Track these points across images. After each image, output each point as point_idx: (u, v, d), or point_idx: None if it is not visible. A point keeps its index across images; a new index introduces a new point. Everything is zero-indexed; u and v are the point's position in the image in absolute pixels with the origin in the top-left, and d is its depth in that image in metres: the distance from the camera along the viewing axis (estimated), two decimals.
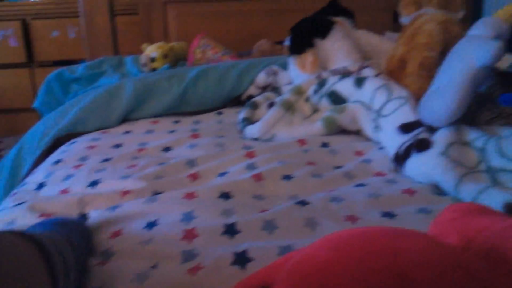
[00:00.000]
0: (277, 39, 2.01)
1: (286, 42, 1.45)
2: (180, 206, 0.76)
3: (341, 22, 1.42)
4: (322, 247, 0.33)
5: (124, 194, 0.83)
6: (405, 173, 0.89)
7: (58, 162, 1.04)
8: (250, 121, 1.18)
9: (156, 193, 0.83)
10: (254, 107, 1.26)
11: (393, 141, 0.95)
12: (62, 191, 0.89)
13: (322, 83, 1.20)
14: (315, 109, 1.19)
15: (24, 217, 0.78)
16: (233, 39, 2.23)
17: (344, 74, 1.23)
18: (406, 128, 0.95)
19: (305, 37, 1.34)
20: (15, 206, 0.82)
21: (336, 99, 1.14)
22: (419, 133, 0.92)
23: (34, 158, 1.19)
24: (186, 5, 2.25)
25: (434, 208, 0.74)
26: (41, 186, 0.93)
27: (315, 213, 0.73)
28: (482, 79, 0.89)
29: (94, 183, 0.89)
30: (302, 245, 0.63)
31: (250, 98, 1.36)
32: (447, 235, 0.45)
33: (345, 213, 0.74)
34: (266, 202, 0.80)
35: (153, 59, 1.79)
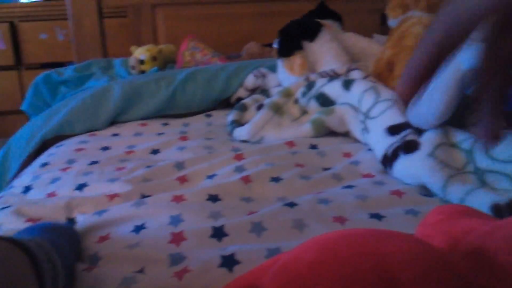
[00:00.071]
0: (265, 42, 2.01)
1: (275, 44, 1.45)
2: (168, 209, 0.76)
3: (329, 25, 1.43)
4: (308, 249, 0.33)
5: (112, 197, 0.82)
6: (393, 174, 0.89)
7: (45, 165, 1.03)
8: (239, 123, 1.18)
9: (144, 196, 0.83)
10: (243, 109, 1.26)
11: (381, 142, 0.96)
12: (49, 195, 0.88)
13: (310, 86, 1.20)
14: (304, 111, 1.19)
15: (10, 222, 0.77)
16: (222, 42, 2.23)
17: (332, 76, 1.23)
18: (394, 129, 0.95)
19: (293, 39, 1.34)
20: (1, 209, 0.81)
21: (324, 101, 1.15)
22: (407, 134, 0.92)
23: (21, 161, 1.18)
24: (174, 8, 2.25)
25: (422, 209, 0.75)
26: (27, 189, 0.92)
27: (303, 214, 0.73)
28: (469, 82, 0.89)
29: (81, 186, 0.89)
30: (290, 247, 0.63)
31: (239, 101, 1.36)
32: (434, 237, 0.45)
33: (333, 214, 0.74)
34: (255, 204, 0.80)
35: (142, 62, 1.78)
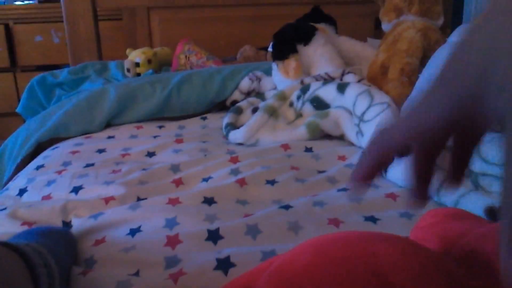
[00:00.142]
0: (260, 45, 2.01)
1: (270, 48, 1.45)
2: (163, 212, 0.76)
3: (323, 29, 1.43)
4: (303, 252, 0.34)
5: (107, 200, 0.82)
6: (387, 177, 0.90)
7: (40, 167, 1.03)
8: (234, 126, 1.18)
9: (139, 198, 0.83)
10: (238, 112, 1.27)
11: None
12: (44, 197, 0.88)
13: (305, 89, 1.21)
14: (299, 114, 1.20)
15: (5, 225, 0.76)
16: (217, 45, 2.24)
17: (326, 79, 1.24)
18: None
19: (288, 43, 1.35)
20: None
21: (319, 105, 1.15)
22: None
23: (16, 163, 1.17)
24: (170, 11, 2.25)
25: (416, 212, 0.75)
26: (22, 191, 0.92)
27: (299, 217, 0.73)
28: None
29: (77, 189, 0.89)
30: (286, 249, 0.63)
31: (235, 104, 1.37)
32: (428, 240, 0.46)
33: (328, 217, 0.74)
34: (250, 207, 0.80)
35: (137, 64, 1.78)
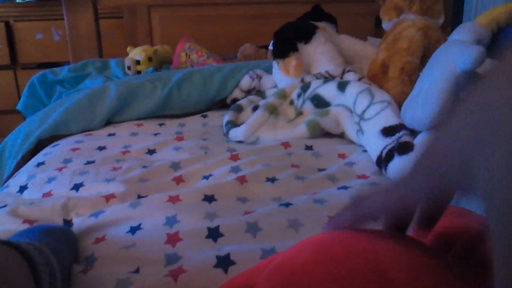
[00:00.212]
0: (261, 44, 2.02)
1: (270, 46, 1.45)
2: (163, 209, 0.76)
3: (323, 27, 1.43)
4: (303, 249, 0.34)
5: (108, 198, 0.82)
6: (388, 175, 0.90)
7: (40, 164, 1.03)
8: (234, 124, 1.19)
9: (140, 196, 0.83)
10: (239, 110, 1.27)
11: (375, 144, 0.96)
12: (45, 194, 0.88)
13: (305, 87, 1.21)
14: (299, 112, 1.20)
15: (7, 222, 0.76)
16: (217, 43, 2.24)
17: (327, 78, 1.24)
18: (389, 131, 0.96)
19: (288, 41, 1.35)
20: None
21: (319, 103, 1.15)
22: (402, 136, 0.93)
23: (17, 160, 1.18)
24: (170, 9, 2.25)
25: None
26: (23, 188, 0.92)
27: (299, 214, 0.73)
28: (464, 84, 0.90)
29: (77, 186, 0.89)
30: (286, 247, 0.64)
31: (235, 102, 1.37)
32: (428, 237, 0.46)
33: (328, 214, 0.74)
34: (250, 204, 0.81)
35: (137, 62, 1.78)
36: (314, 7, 1.57)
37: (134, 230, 0.71)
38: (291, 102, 1.23)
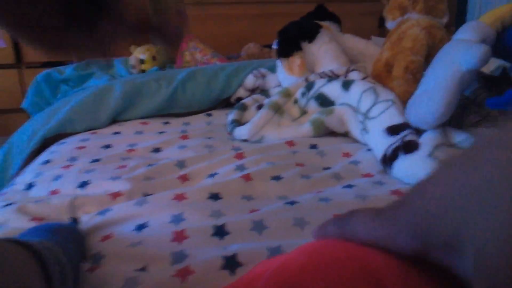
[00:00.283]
0: (265, 43, 2.02)
1: (274, 45, 1.46)
2: (169, 207, 0.76)
3: (327, 27, 1.44)
4: (301, 253, 0.34)
5: (114, 196, 0.83)
6: (392, 174, 0.91)
7: (47, 162, 1.04)
8: (239, 123, 1.19)
9: (146, 194, 0.84)
10: (243, 109, 1.27)
11: (380, 143, 0.97)
12: (52, 192, 0.89)
13: (309, 86, 1.21)
14: (303, 111, 1.20)
15: (15, 220, 0.77)
16: (221, 43, 2.24)
17: (331, 77, 1.24)
18: (393, 130, 0.96)
19: (292, 40, 1.35)
20: (4, 206, 0.82)
21: (323, 102, 1.16)
22: (406, 135, 0.93)
23: (23, 158, 1.18)
24: None
25: None
26: (30, 186, 0.93)
27: (304, 213, 0.74)
28: (468, 83, 0.90)
29: (84, 184, 0.89)
30: (291, 245, 0.64)
31: (239, 101, 1.37)
32: None
33: (333, 212, 0.74)
34: (255, 202, 0.81)
35: (142, 61, 1.79)
36: (317, 7, 1.58)
37: (140, 228, 0.72)
38: (296, 101, 1.23)
